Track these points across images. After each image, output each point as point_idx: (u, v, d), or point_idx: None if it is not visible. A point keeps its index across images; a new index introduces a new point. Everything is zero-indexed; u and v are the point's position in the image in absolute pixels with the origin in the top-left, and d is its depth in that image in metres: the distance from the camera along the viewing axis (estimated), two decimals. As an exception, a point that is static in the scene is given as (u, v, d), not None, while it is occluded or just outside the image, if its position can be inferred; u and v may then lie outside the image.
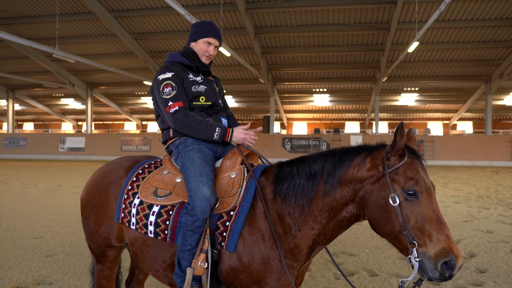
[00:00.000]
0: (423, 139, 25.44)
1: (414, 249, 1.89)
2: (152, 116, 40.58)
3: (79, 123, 43.20)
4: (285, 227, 2.22)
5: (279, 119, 37.82)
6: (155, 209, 2.41)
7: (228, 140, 2.50)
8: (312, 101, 33.95)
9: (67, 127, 44.22)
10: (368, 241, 6.02)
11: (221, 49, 18.24)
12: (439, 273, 1.85)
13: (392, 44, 21.80)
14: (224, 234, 2.22)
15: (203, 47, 2.70)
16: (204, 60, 2.72)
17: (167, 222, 2.36)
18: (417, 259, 1.89)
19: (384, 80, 25.16)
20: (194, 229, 2.20)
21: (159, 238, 2.38)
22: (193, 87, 2.61)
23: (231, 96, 33.65)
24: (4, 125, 39.88)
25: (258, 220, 2.24)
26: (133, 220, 2.48)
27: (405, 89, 29.69)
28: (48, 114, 41.40)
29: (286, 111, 36.95)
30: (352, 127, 37.96)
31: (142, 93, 33.76)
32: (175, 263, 2.30)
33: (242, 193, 2.30)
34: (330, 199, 2.14)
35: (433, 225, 1.91)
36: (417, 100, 32.38)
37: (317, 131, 28.98)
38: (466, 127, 36.89)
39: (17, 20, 21.82)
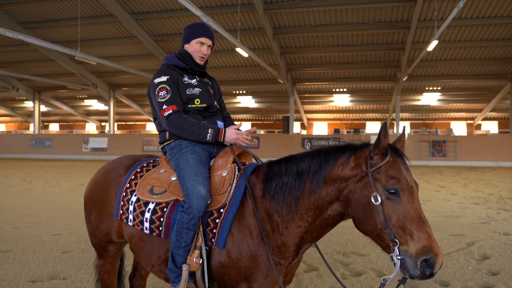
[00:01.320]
0: (446, 139, 24.94)
1: (396, 247, 1.91)
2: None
3: (102, 123, 44.05)
4: (273, 224, 2.26)
5: (299, 119, 37.71)
6: (151, 206, 2.49)
7: (221, 141, 2.56)
8: (333, 101, 33.74)
9: (91, 127, 45.16)
10: (380, 242, 5.98)
11: (239, 50, 18.35)
12: (419, 271, 1.87)
13: (413, 43, 21.47)
14: (214, 231, 2.29)
15: (196, 48, 2.75)
16: (198, 60, 2.77)
17: (161, 219, 2.43)
18: (399, 257, 1.90)
19: (404, 79, 24.80)
20: (190, 227, 2.26)
21: (154, 234, 2.46)
22: (187, 90, 2.67)
23: (250, 97, 33.76)
24: (31, 126, 40.95)
25: (247, 217, 2.29)
26: (131, 217, 2.57)
27: (427, 88, 29.19)
28: (73, 115, 42.37)
29: (306, 111, 36.82)
30: (373, 127, 37.53)
31: (163, 94, 34.16)
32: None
33: (232, 191, 2.36)
34: (316, 198, 2.18)
35: (414, 223, 1.92)
36: (439, 100, 31.80)
37: (336, 131, 28.79)
38: (491, 127, 35.99)
39: (42, 23, 22.45)
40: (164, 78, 2.61)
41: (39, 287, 4.07)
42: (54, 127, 46.96)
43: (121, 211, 2.64)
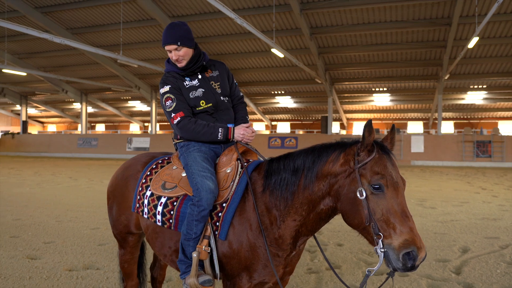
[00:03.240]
0: (491, 139, 23.92)
1: (380, 240, 1.99)
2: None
3: (145, 124, 45.46)
4: (271, 218, 2.39)
5: (339, 119, 37.33)
6: (163, 200, 2.68)
7: (231, 138, 2.71)
8: (372, 100, 33.18)
9: (134, 128, 46.72)
10: (408, 242, 5.93)
11: (274, 51, 18.47)
12: (401, 263, 1.93)
13: (455, 40, 20.77)
14: (217, 223, 2.45)
15: (170, 56, 2.77)
16: (179, 65, 2.76)
17: (172, 212, 2.62)
18: (382, 250, 1.98)
19: (446, 77, 24.01)
20: (200, 219, 2.42)
21: (165, 226, 2.65)
22: (190, 93, 2.76)
23: (289, 97, 33.80)
24: (79, 126, 42.92)
25: (247, 211, 2.44)
26: (145, 210, 2.77)
27: (471, 86, 28.11)
28: (118, 116, 44.01)
29: (346, 111, 36.40)
30: (415, 127, 36.55)
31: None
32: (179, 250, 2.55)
33: (234, 186, 2.51)
34: (309, 192, 2.29)
35: (397, 217, 1.99)
36: (485, 98, 30.52)
37: (376, 131, 28.25)
38: (543, 126, 34.13)
39: (88, 29, 23.56)
40: (166, 88, 2.74)
41: (74, 276, 4.39)
42: (100, 128, 48.94)
43: (137, 205, 2.85)
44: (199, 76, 2.84)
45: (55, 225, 6.87)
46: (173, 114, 2.69)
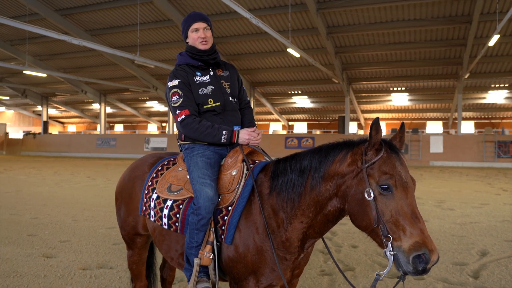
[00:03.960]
0: (514, 139, 23.38)
1: (389, 242, 1.93)
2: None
3: (163, 124, 45.85)
4: (278, 220, 2.33)
5: (356, 119, 36.98)
6: (169, 203, 2.65)
7: (235, 142, 2.63)
8: (390, 100, 32.76)
9: (152, 128, 47.17)
10: (425, 245, 5.81)
11: (290, 50, 18.40)
12: (412, 267, 1.87)
13: (475, 38, 20.33)
14: (223, 227, 2.40)
15: (194, 36, 2.73)
16: (201, 46, 2.71)
17: (178, 215, 2.58)
18: (392, 253, 1.92)
19: (466, 76, 23.52)
20: (200, 228, 2.38)
21: (172, 229, 2.62)
22: (200, 90, 2.69)
23: (306, 97, 33.64)
24: (98, 126, 43.56)
25: (254, 214, 2.38)
26: (152, 213, 2.74)
27: (492, 85, 27.48)
28: (136, 116, 44.51)
29: (363, 111, 36.04)
30: (434, 127, 35.95)
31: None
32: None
33: (240, 189, 2.45)
34: (316, 193, 2.23)
35: (407, 219, 1.92)
36: (507, 98, 29.78)
37: (394, 131, 27.91)
38: None
39: (106, 30, 23.90)
40: (175, 82, 2.65)
41: (87, 275, 4.43)
42: (119, 128, 49.58)
43: (144, 208, 2.83)
44: (211, 73, 2.79)
45: (71, 224, 6.96)
46: (178, 111, 2.62)
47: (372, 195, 2.00)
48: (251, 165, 2.56)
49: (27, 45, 24.68)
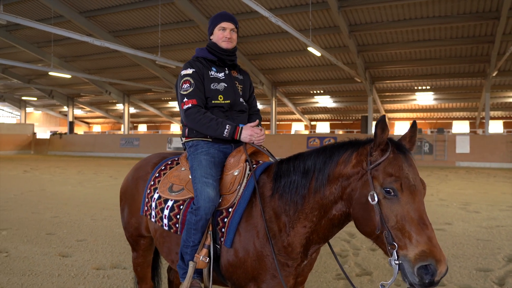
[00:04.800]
0: (545, 140, 22.50)
1: (394, 250, 1.79)
2: (262, 116, 41.73)
3: (186, 124, 46.08)
4: (280, 224, 2.22)
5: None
6: (169, 203, 2.57)
7: (238, 138, 2.53)
8: (415, 99, 32.05)
9: (175, 128, 47.60)
10: (447, 249, 5.60)
11: (311, 49, 18.20)
12: (418, 278, 1.72)
13: (503, 35, 19.61)
14: (223, 230, 2.30)
15: (219, 34, 2.71)
16: (224, 45, 2.70)
17: (178, 216, 2.50)
18: (397, 262, 1.78)
19: (494, 74, 22.75)
20: (198, 228, 2.30)
21: (172, 231, 2.54)
22: (212, 84, 2.64)
23: (328, 96, 33.28)
24: (122, 126, 44.25)
25: (254, 217, 2.27)
26: (153, 213, 2.67)
27: (522, 84, 26.55)
28: (159, 116, 44.98)
29: (387, 111, 35.39)
30: (460, 127, 35.00)
31: (241, 95, 34.94)
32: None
33: (241, 190, 2.35)
34: (320, 196, 2.11)
35: (414, 226, 1.78)
36: (538, 96, 28.77)
37: (418, 131, 27.27)
38: None
39: (128, 31, 24.19)
40: (189, 71, 2.61)
41: (101, 274, 4.42)
42: (142, 128, 50.24)
43: (145, 208, 2.77)
44: (226, 71, 2.75)
45: (89, 223, 7.02)
46: (185, 99, 2.56)
47: (376, 199, 1.86)
48: (254, 165, 2.46)
49: (52, 47, 25.23)
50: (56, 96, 39.00)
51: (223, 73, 2.72)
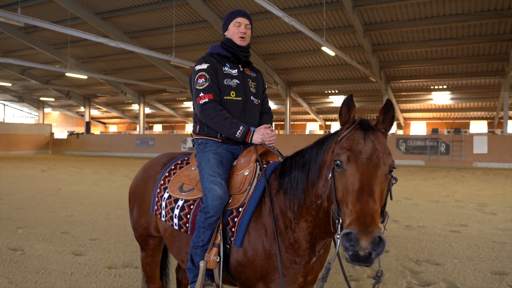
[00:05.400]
0: None
1: (339, 225, 1.78)
2: (276, 116, 41.87)
3: (200, 124, 46.29)
4: (286, 221, 2.22)
5: (396, 119, 35.86)
6: (180, 203, 2.59)
7: (249, 141, 2.54)
8: (431, 99, 31.65)
9: (190, 128, 47.85)
10: (462, 251, 5.51)
11: (324, 49, 18.10)
12: (344, 250, 1.63)
13: (523, 32, 19.27)
14: (233, 229, 2.31)
15: (234, 30, 2.73)
16: (239, 41, 2.72)
17: (188, 216, 2.51)
18: (337, 236, 1.75)
19: (513, 73, 22.34)
20: (207, 226, 2.31)
21: (182, 230, 2.55)
22: (225, 80, 2.65)
23: (343, 96, 33.03)
24: (137, 126, 44.69)
25: (263, 216, 2.28)
26: (163, 212, 2.69)
27: (543, 83, 25.94)
28: (174, 117, 45.32)
29: (403, 111, 35.03)
30: (478, 127, 34.41)
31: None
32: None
33: (251, 190, 2.36)
34: (316, 188, 2.11)
35: (352, 196, 1.72)
36: (559, 96, 28.05)
37: (435, 131, 26.92)
38: None
39: (143, 32, 24.41)
40: (204, 66, 2.62)
41: (112, 273, 4.47)
42: (157, 128, 50.67)
43: (155, 207, 2.78)
44: (240, 68, 2.76)
45: (103, 223, 7.10)
46: (201, 94, 2.56)
47: (330, 174, 1.87)
48: (264, 165, 2.46)
49: (69, 48, 25.63)
50: (73, 96, 39.60)
51: (236, 70, 2.74)
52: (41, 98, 42.32)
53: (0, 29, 24.38)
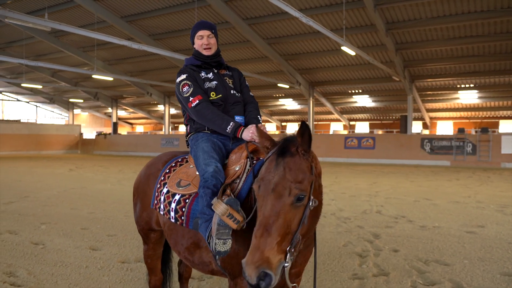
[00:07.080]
0: None
1: None
2: (291, 117, 41.83)
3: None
4: None
5: (421, 118, 35.30)
6: (177, 197, 2.75)
7: (239, 136, 2.69)
8: (458, 98, 30.91)
9: (213, 128, 48.24)
10: (474, 252, 5.45)
11: (344, 49, 18.00)
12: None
13: (553, 29, 18.63)
14: None
15: (198, 43, 3.01)
16: (205, 52, 2.99)
17: (183, 209, 2.67)
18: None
19: (543, 71, 21.60)
20: (207, 185, 2.46)
21: (178, 223, 2.71)
22: (205, 84, 2.91)
23: (367, 96, 32.75)
24: (163, 127, 45.40)
25: (248, 210, 2.37)
26: (162, 206, 2.86)
27: None
28: (199, 117, 45.75)
29: (428, 110, 34.35)
30: (508, 127, 33.40)
31: (279, 95, 35.00)
32: (193, 243, 2.64)
33: (240, 185, 2.49)
34: None
35: (256, 227, 1.93)
36: None
37: (461, 130, 26.30)
38: None
39: (166, 34, 24.85)
40: (183, 76, 2.89)
41: (125, 267, 4.67)
42: (182, 128, 51.27)
43: (155, 201, 2.97)
44: (214, 71, 3.01)
45: (122, 220, 7.35)
46: (191, 98, 2.79)
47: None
48: (254, 162, 2.58)
49: (96, 51, 26.35)
50: (101, 98, 40.61)
51: (211, 73, 3.00)
52: (71, 100, 43.58)
53: (31, 34, 25.31)
